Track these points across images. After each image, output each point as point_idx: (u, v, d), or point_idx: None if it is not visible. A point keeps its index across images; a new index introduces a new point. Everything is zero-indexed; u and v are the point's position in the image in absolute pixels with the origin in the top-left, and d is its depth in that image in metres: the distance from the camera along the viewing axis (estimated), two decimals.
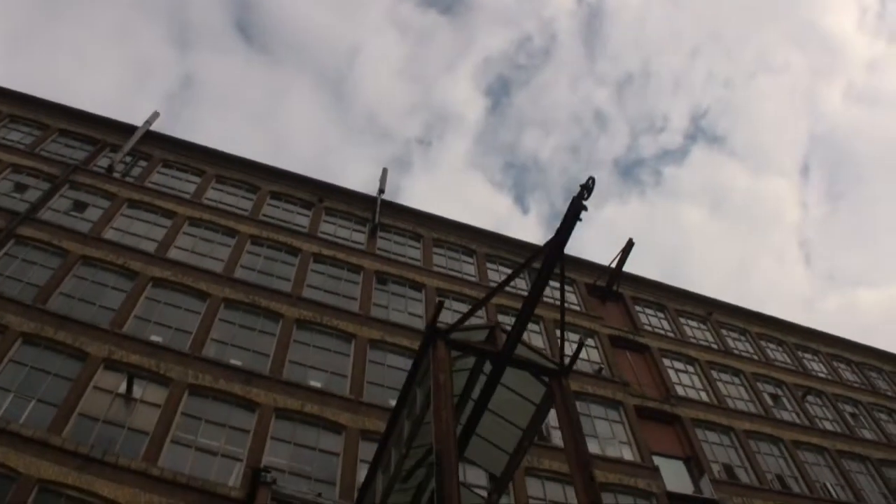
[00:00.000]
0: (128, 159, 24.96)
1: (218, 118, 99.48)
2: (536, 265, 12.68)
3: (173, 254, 21.64)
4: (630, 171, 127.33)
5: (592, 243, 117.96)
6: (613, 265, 26.85)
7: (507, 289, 26.09)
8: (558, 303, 26.06)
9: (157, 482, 15.06)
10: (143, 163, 25.54)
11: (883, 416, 28.86)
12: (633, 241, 26.00)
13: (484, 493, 15.97)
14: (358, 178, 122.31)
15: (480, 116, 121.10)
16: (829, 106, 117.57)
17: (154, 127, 26.84)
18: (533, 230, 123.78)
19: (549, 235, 26.43)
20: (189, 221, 23.25)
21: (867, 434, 27.32)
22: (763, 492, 21.15)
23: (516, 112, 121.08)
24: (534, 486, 18.58)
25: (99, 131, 26.25)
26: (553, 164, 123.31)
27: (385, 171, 28.41)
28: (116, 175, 24.05)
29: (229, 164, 26.77)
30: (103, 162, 24.84)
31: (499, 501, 14.15)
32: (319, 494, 10.97)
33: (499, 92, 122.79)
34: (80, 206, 22.52)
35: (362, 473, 17.13)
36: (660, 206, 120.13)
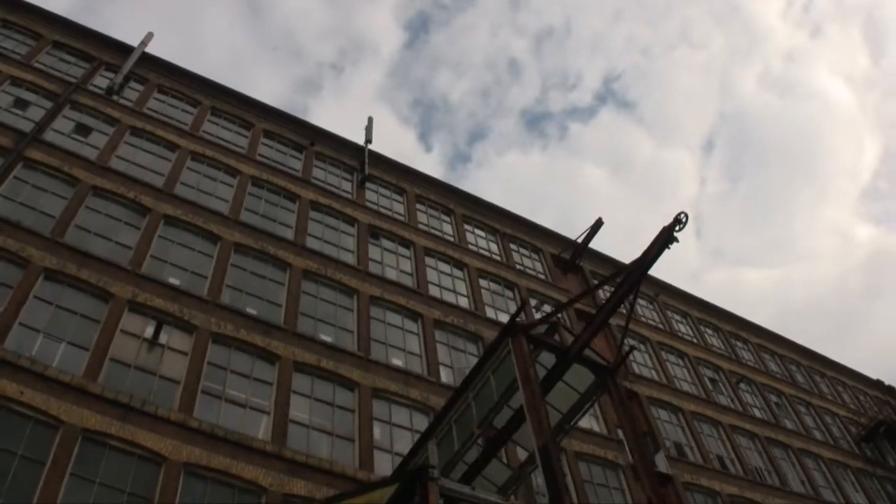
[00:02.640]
0: (120, 79, 22.74)
1: (131, 13, 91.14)
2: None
3: (180, 190, 20.18)
4: (536, 122, 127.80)
5: (489, 187, 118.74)
6: (580, 240, 27.44)
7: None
8: (529, 271, 26.57)
9: (195, 434, 14.50)
10: (136, 84, 23.42)
11: (801, 409, 30.17)
12: (602, 220, 26.60)
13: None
14: (269, 93, 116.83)
15: (396, 50, 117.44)
16: (743, 88, 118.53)
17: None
18: (434, 168, 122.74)
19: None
20: (192, 156, 21.63)
21: (789, 424, 28.44)
22: (707, 471, 22.13)
23: (432, 50, 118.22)
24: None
25: (93, 47, 23.61)
26: (461, 107, 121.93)
27: (371, 119, 27.39)
28: (117, 98, 21.96)
29: (223, 95, 24.91)
30: (100, 82, 22.54)
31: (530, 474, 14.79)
32: (473, 488, 11.00)
33: (418, 28, 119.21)
34: (83, 130, 20.42)
35: (377, 431, 17.31)
36: (561, 161, 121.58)
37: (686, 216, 12.12)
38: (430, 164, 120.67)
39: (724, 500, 21.54)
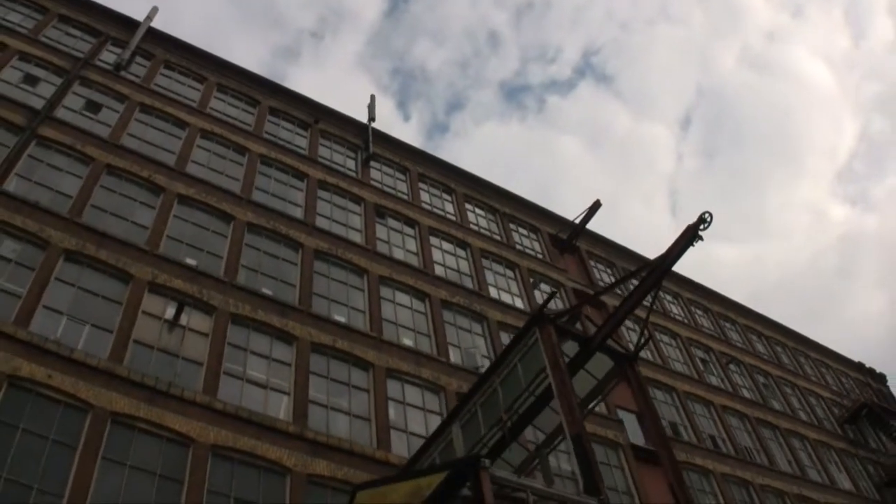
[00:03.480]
0: (128, 55, 22.15)
1: None
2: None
3: (192, 169, 19.86)
4: (514, 94, 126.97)
5: (467, 157, 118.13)
6: (578, 221, 27.56)
7: (484, 231, 26.33)
8: (529, 251, 26.72)
9: (220, 416, 14.51)
10: (142, 60, 22.83)
11: (787, 390, 30.53)
12: (601, 202, 26.76)
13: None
14: (248, 60, 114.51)
15: (376, 18, 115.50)
16: (721, 66, 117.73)
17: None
18: (413, 138, 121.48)
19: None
20: (201, 133, 21.27)
21: (776, 405, 28.78)
22: (701, 450, 22.45)
23: (412, 20, 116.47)
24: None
25: (98, 21, 22.91)
26: (440, 77, 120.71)
27: (373, 97, 27.09)
28: (125, 74, 21.41)
29: (228, 72, 24.41)
30: (106, 57, 21.94)
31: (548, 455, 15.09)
32: (520, 477, 11.22)
33: None
34: (93, 107, 19.92)
35: (391, 412, 17.45)
36: (539, 133, 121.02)
37: (710, 215, 12.38)
38: (408, 133, 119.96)
39: (718, 479, 22.10)
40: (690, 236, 12.66)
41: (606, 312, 25.62)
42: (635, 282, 29.73)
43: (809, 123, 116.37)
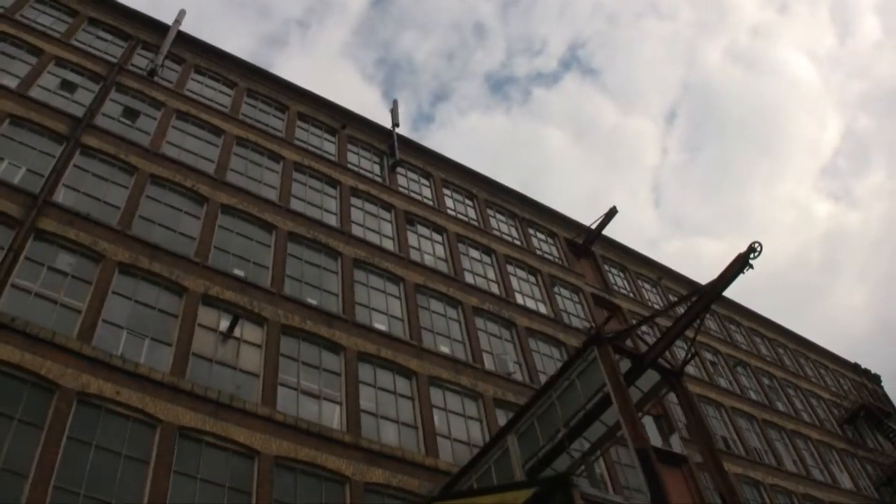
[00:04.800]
0: (161, 60, 21.92)
1: None
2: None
3: (232, 178, 19.80)
4: (500, 86, 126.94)
5: (452, 147, 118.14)
6: (594, 226, 27.91)
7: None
8: (548, 257, 27.05)
9: (281, 427, 14.62)
10: (172, 64, 22.59)
11: (791, 391, 31.06)
12: (616, 209, 27.16)
13: None
14: (235, 48, 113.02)
15: (363, 8, 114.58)
16: (707, 61, 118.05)
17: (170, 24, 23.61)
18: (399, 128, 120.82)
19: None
20: (237, 141, 21.18)
21: (780, 406, 29.32)
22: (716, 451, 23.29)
23: (398, 11, 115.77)
24: None
25: (127, 25, 22.61)
26: (426, 68, 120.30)
27: (395, 102, 27.09)
28: (158, 80, 21.19)
29: (256, 76, 24.25)
30: (137, 61, 21.69)
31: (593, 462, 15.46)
32: (605, 494, 11.55)
33: None
34: (131, 114, 19.70)
35: (437, 419, 17.67)
36: (524, 125, 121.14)
37: (760, 246, 12.80)
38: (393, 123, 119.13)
39: (731, 479, 22.73)
40: (741, 264, 13.09)
41: (623, 318, 26.15)
42: (647, 285, 30.26)
43: (794, 120, 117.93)
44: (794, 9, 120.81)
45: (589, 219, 28.67)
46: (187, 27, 23.74)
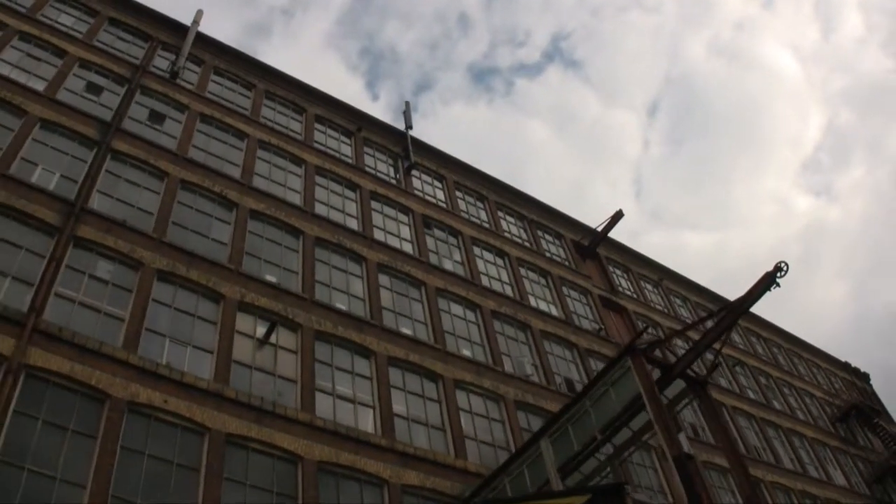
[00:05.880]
0: (183, 62, 21.85)
1: None
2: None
3: (258, 182, 19.90)
4: (483, 77, 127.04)
5: (434, 137, 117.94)
6: (600, 229, 28.37)
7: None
8: (557, 259, 27.42)
9: (321, 432, 14.90)
10: (192, 65, 22.52)
11: (786, 390, 31.77)
12: (622, 212, 27.60)
13: None
14: (219, 35, 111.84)
15: None
16: (691, 54, 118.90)
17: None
18: (381, 117, 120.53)
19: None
20: (259, 144, 21.28)
21: (777, 405, 29.96)
22: (719, 450, 22.67)
23: (382, 1, 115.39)
24: None
25: (147, 24, 22.49)
26: (409, 58, 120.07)
27: (408, 104, 27.26)
28: (181, 82, 21.14)
29: (273, 78, 24.22)
30: (158, 62, 21.62)
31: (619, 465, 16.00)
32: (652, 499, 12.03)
33: None
34: (157, 117, 19.69)
35: (464, 420, 18.05)
36: (507, 115, 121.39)
37: (786, 265, 13.48)
38: (376, 112, 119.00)
39: (735, 476, 23.44)
40: (769, 282, 13.77)
41: (629, 319, 26.76)
42: (649, 286, 30.83)
43: (776, 114, 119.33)
44: (778, 4, 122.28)
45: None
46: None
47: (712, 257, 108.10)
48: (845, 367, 39.53)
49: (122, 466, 12.31)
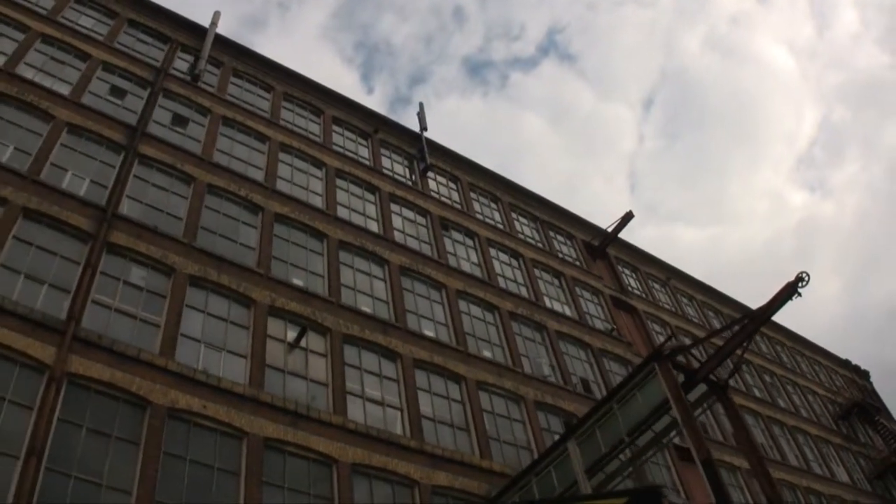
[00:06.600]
0: (203, 64, 21.84)
1: None
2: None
3: (281, 186, 20.01)
4: (478, 70, 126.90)
5: (430, 129, 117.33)
6: (610, 229, 28.63)
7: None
8: (569, 259, 27.60)
9: (353, 435, 15.10)
10: (211, 67, 22.51)
11: (790, 388, 32.07)
12: (633, 213, 27.86)
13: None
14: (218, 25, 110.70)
15: None
16: (686, 48, 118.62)
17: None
18: (378, 111, 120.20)
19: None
20: (281, 147, 21.34)
21: (781, 403, 30.20)
22: (727, 447, 23.62)
23: None
24: None
25: (165, 26, 22.46)
26: (404, 51, 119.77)
27: (422, 105, 27.35)
28: (202, 85, 21.15)
29: (290, 79, 24.26)
30: (179, 65, 21.61)
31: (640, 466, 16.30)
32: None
33: None
34: (180, 121, 19.71)
35: (487, 421, 18.28)
36: (501, 109, 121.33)
37: (808, 276, 13.81)
38: (371, 105, 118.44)
39: (744, 474, 23.77)
40: (790, 292, 14.11)
41: (639, 319, 27.05)
42: (656, 285, 31.11)
43: (772, 110, 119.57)
44: None
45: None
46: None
47: (707, 252, 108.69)
48: (846, 364, 40.05)
49: (166, 472, 12.46)
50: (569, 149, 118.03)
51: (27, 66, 18.35)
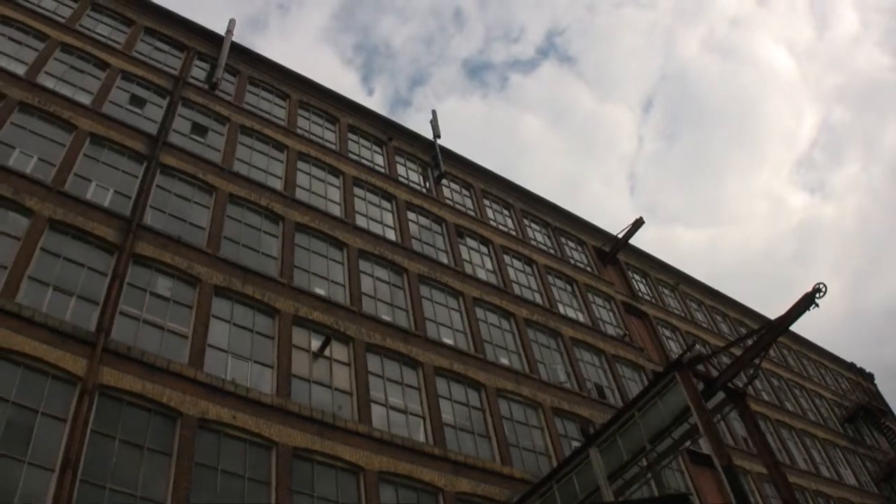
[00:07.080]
0: (221, 73, 21.88)
1: None
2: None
3: (300, 195, 20.06)
4: (477, 72, 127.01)
5: (429, 130, 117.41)
6: (621, 236, 28.73)
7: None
8: (581, 265, 27.69)
9: (379, 443, 15.20)
10: (227, 76, 22.53)
11: (797, 392, 32.23)
12: (643, 219, 27.95)
13: None
14: (213, 26, 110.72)
15: None
16: (685, 50, 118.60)
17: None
18: (379, 112, 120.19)
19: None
20: (299, 156, 21.39)
21: (789, 406, 30.44)
22: (739, 451, 23.86)
23: None
24: None
25: (181, 34, 22.48)
26: (404, 53, 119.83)
27: (434, 113, 27.42)
28: (220, 94, 21.19)
29: (306, 87, 24.31)
30: (196, 73, 21.65)
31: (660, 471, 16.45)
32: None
33: None
34: (199, 130, 19.76)
35: (507, 428, 18.37)
36: (501, 110, 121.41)
37: (825, 287, 13.93)
38: (371, 106, 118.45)
39: (754, 477, 23.96)
40: (808, 302, 14.26)
41: (650, 324, 27.15)
42: (666, 290, 31.19)
43: (771, 111, 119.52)
44: (772, 0, 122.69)
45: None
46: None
47: (706, 253, 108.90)
48: (851, 367, 40.22)
49: (198, 482, 12.54)
50: (568, 150, 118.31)
51: (48, 75, 18.37)
